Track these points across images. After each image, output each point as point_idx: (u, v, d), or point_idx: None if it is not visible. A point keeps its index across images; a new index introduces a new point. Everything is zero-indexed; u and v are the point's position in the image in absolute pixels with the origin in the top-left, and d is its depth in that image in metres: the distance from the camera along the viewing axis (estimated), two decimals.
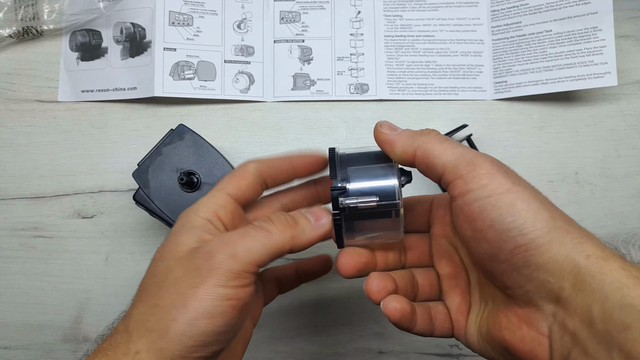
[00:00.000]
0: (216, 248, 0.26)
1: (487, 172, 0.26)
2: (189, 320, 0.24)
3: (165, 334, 0.25)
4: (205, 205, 0.30)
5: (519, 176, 0.27)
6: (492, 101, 0.53)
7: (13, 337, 0.49)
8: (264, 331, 0.50)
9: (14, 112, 0.52)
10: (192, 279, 0.25)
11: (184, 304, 0.25)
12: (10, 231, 0.50)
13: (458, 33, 0.53)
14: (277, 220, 0.28)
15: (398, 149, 0.29)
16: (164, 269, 0.27)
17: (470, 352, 0.49)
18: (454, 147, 0.27)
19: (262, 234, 0.27)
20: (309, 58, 0.53)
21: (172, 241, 0.28)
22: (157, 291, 0.26)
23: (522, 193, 0.25)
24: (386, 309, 0.29)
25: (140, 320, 0.26)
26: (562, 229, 0.24)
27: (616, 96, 0.52)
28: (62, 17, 0.51)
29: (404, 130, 0.29)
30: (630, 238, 0.50)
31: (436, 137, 0.28)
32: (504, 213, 0.25)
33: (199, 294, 0.25)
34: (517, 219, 0.24)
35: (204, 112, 0.52)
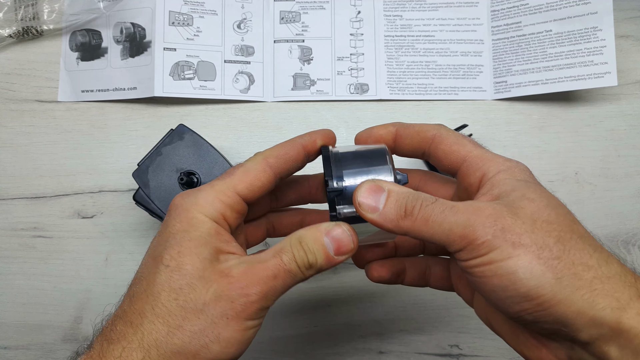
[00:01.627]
0: (249, 284, 0.26)
1: (483, 242, 0.24)
2: (221, 349, 0.25)
3: (194, 358, 0.25)
4: (212, 204, 0.28)
5: (520, 223, 0.24)
6: (492, 101, 0.53)
7: (13, 337, 0.49)
8: (264, 331, 0.50)
9: (14, 112, 0.52)
10: (224, 310, 0.26)
11: (216, 334, 0.25)
12: (10, 231, 0.50)
13: (458, 33, 0.53)
14: (301, 262, 0.27)
15: (388, 230, 0.27)
16: (186, 286, 0.26)
17: (470, 352, 0.49)
18: (441, 220, 0.25)
19: (289, 276, 0.27)
20: (309, 58, 0.53)
21: (189, 251, 0.27)
22: (181, 312, 0.26)
23: (522, 257, 0.23)
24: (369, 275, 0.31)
25: (160, 340, 0.25)
26: (569, 287, 0.23)
27: (616, 96, 0.52)
28: (62, 17, 0.51)
29: (385, 207, 0.26)
30: (630, 238, 0.50)
31: (420, 216, 0.25)
32: (505, 281, 0.24)
33: (232, 326, 0.26)
34: (519, 288, 0.23)
35: (204, 112, 0.52)
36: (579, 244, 0.24)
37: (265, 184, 0.29)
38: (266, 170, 0.29)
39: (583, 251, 0.24)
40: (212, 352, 0.25)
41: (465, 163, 0.28)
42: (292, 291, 0.37)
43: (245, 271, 0.26)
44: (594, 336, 0.23)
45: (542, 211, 0.25)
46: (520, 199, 0.25)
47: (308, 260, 0.27)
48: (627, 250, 0.50)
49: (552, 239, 0.24)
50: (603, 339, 0.23)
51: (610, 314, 0.23)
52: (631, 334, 0.22)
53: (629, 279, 0.24)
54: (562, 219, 0.25)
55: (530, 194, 0.25)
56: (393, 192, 0.27)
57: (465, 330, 0.49)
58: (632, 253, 0.50)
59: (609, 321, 0.23)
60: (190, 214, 0.28)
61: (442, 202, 0.26)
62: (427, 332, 0.50)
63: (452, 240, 0.25)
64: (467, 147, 0.29)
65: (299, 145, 0.31)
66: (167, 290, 0.26)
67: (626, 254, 0.50)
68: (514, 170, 0.27)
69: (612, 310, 0.23)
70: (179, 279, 0.26)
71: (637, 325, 0.22)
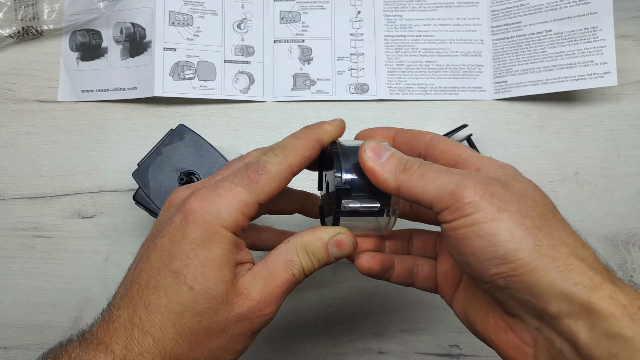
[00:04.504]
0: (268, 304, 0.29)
1: (470, 201, 0.25)
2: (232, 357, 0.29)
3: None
4: (235, 219, 0.28)
5: (508, 194, 0.25)
6: (492, 101, 0.53)
7: (13, 337, 0.49)
8: (263, 331, 0.50)
9: (14, 112, 0.52)
10: (243, 329, 0.28)
11: (233, 349, 0.28)
12: (10, 231, 0.50)
13: (458, 33, 0.53)
14: (306, 266, 0.30)
15: (381, 183, 0.28)
16: (210, 310, 0.27)
17: (470, 352, 0.49)
18: (436, 177, 0.26)
19: (294, 282, 0.29)
20: (309, 58, 0.53)
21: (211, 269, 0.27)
22: (204, 332, 0.27)
23: (506, 221, 0.24)
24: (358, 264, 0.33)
25: (182, 355, 0.27)
26: (547, 256, 0.23)
27: (616, 96, 0.52)
28: (62, 17, 0.51)
29: (387, 161, 0.28)
30: (630, 238, 0.50)
31: (418, 171, 0.27)
32: (485, 242, 0.24)
33: (248, 341, 0.29)
34: (499, 249, 0.24)
35: (204, 112, 0.52)
36: (559, 224, 0.25)
37: (281, 187, 0.30)
38: (289, 178, 0.30)
39: (562, 230, 0.25)
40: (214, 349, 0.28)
41: (461, 160, 0.29)
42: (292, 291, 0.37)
43: (263, 291, 0.28)
44: (563, 311, 0.23)
45: (529, 192, 0.26)
46: (511, 180, 0.27)
47: (314, 266, 0.30)
48: (627, 250, 0.50)
49: (535, 212, 0.25)
50: (572, 316, 0.23)
51: (582, 291, 0.23)
52: (602, 315, 0.22)
53: (601, 267, 0.24)
54: (546, 202, 0.26)
55: (520, 178, 0.27)
56: (397, 153, 0.29)
57: (465, 330, 0.49)
58: (632, 253, 0.50)
59: (581, 298, 0.23)
60: (212, 228, 0.27)
61: (441, 166, 0.27)
62: (427, 332, 0.50)
63: (442, 197, 0.26)
64: (463, 149, 0.30)
65: (315, 143, 0.31)
66: (191, 312, 0.27)
67: (626, 254, 0.50)
68: (506, 167, 0.29)
69: (585, 287, 0.23)
70: (204, 303, 0.27)
71: (608, 307, 0.22)
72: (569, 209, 0.51)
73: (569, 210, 0.51)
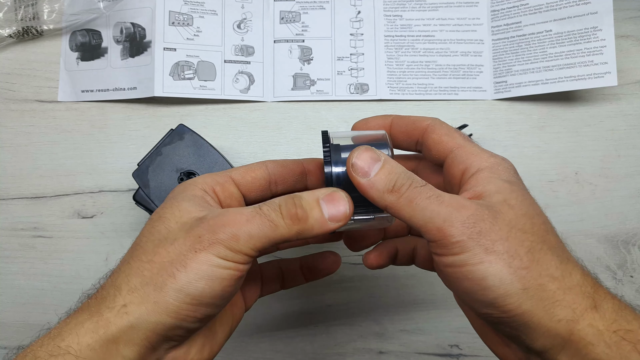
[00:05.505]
0: (220, 224, 0.26)
1: (457, 241, 0.24)
2: (189, 279, 0.25)
3: (162, 288, 0.25)
4: (204, 179, 0.30)
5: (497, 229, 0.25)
6: (492, 101, 0.53)
7: (13, 337, 0.49)
8: (263, 331, 0.50)
9: (14, 112, 0.52)
10: (193, 244, 0.26)
11: (183, 264, 0.25)
12: (10, 231, 0.50)
13: (458, 33, 0.53)
14: (286, 211, 0.27)
15: (369, 199, 0.27)
16: (164, 230, 0.27)
17: (470, 352, 0.49)
18: (424, 206, 0.25)
19: (267, 224, 0.26)
20: (309, 58, 0.53)
21: (172, 205, 0.28)
22: (154, 249, 0.26)
23: (494, 264, 0.24)
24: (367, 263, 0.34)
25: (131, 275, 0.26)
26: (534, 298, 0.24)
27: (616, 96, 0.52)
28: (62, 17, 0.51)
29: (376, 177, 0.27)
30: (630, 238, 0.50)
31: (406, 194, 0.26)
32: (475, 286, 0.24)
33: (200, 258, 0.25)
34: (488, 294, 0.24)
35: (204, 112, 0.52)
36: (547, 255, 0.25)
37: (258, 177, 0.31)
38: (261, 167, 0.31)
39: (550, 262, 0.25)
40: (179, 281, 0.25)
41: (452, 154, 0.29)
42: (291, 291, 0.37)
43: (217, 215, 0.26)
44: (547, 346, 0.24)
45: (519, 219, 0.25)
46: (501, 203, 0.26)
47: (297, 213, 0.27)
48: (627, 251, 0.50)
49: (523, 249, 0.24)
50: (555, 349, 0.24)
51: (565, 326, 0.24)
52: (580, 344, 0.23)
53: (588, 290, 0.24)
54: (536, 229, 0.25)
55: (512, 200, 0.26)
56: (388, 165, 0.27)
57: (465, 330, 0.49)
58: (632, 253, 0.50)
59: (562, 332, 0.24)
60: (182, 186, 0.30)
61: (431, 188, 0.26)
62: (427, 332, 0.50)
63: (429, 230, 0.25)
64: (457, 140, 0.29)
65: (297, 161, 0.32)
66: (146, 235, 0.27)
67: (626, 254, 0.50)
68: (498, 169, 0.27)
69: (567, 322, 0.24)
70: (159, 225, 0.27)
71: (586, 337, 0.23)
72: (569, 209, 0.51)
73: (569, 210, 0.51)
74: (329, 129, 0.33)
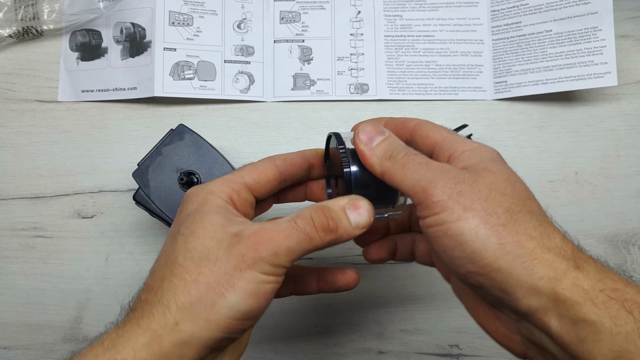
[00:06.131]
0: (260, 242, 0.27)
1: (438, 200, 0.26)
2: (237, 299, 0.26)
3: (212, 307, 0.26)
4: (220, 188, 0.30)
5: (477, 190, 0.26)
6: (492, 101, 0.53)
7: (13, 337, 0.49)
8: (264, 331, 0.50)
9: (14, 112, 0.52)
10: (237, 263, 0.27)
11: (231, 284, 0.26)
12: (10, 231, 0.50)
13: (458, 33, 0.53)
14: (319, 224, 0.28)
15: (369, 166, 0.29)
16: (201, 247, 0.27)
17: (470, 352, 0.49)
18: (414, 170, 0.27)
19: (304, 238, 0.28)
20: (309, 58, 0.53)
21: (202, 219, 0.28)
22: (197, 268, 0.27)
23: (470, 220, 0.25)
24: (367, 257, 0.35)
25: (178, 294, 0.26)
26: (511, 253, 0.24)
27: (616, 96, 0.52)
28: (62, 17, 0.51)
29: (377, 145, 0.29)
30: (630, 238, 0.50)
31: (401, 160, 0.28)
32: (453, 242, 0.25)
33: (246, 277, 0.26)
34: (465, 249, 0.25)
35: (204, 112, 0.52)
36: (526, 217, 0.25)
37: (271, 180, 0.32)
38: (273, 168, 0.32)
39: (528, 223, 0.25)
40: (229, 301, 0.26)
41: (438, 146, 0.30)
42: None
43: (256, 232, 0.27)
44: (533, 306, 0.24)
45: (500, 184, 0.26)
46: (483, 170, 0.27)
47: (329, 225, 0.28)
48: (627, 250, 0.50)
49: (501, 209, 0.25)
50: (541, 309, 0.24)
51: (547, 284, 0.23)
52: (567, 304, 0.23)
53: (568, 252, 0.24)
54: (516, 193, 0.26)
55: (493, 168, 0.27)
56: (389, 139, 0.30)
57: (465, 330, 0.49)
58: (632, 253, 0.50)
59: (546, 290, 0.23)
60: (201, 197, 0.30)
61: (423, 157, 0.28)
62: (427, 332, 0.50)
63: (416, 192, 0.27)
64: (442, 133, 0.31)
65: (304, 155, 0.34)
66: (182, 252, 0.28)
67: (626, 254, 0.50)
68: (480, 150, 0.29)
69: (549, 280, 0.23)
70: (193, 241, 0.28)
71: (572, 296, 0.23)
72: (569, 209, 0.51)
73: (568, 210, 0.51)
74: (328, 130, 0.34)
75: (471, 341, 0.49)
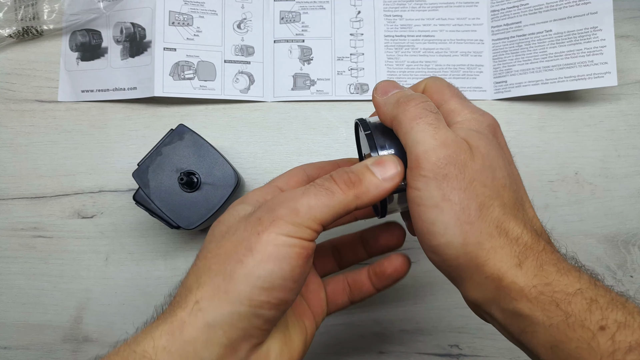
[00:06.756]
0: (277, 203, 0.26)
1: (423, 176, 0.26)
2: (255, 262, 0.25)
3: (231, 277, 0.25)
4: (253, 194, 0.31)
5: (461, 177, 0.26)
6: (492, 101, 0.53)
7: (13, 337, 0.49)
8: None
9: (14, 112, 0.52)
10: (254, 227, 0.26)
11: (248, 248, 0.25)
12: (10, 231, 0.50)
13: (458, 33, 0.53)
14: (339, 178, 0.27)
15: (381, 115, 0.29)
16: (224, 227, 0.27)
17: (470, 352, 0.49)
18: (420, 130, 0.26)
19: (323, 192, 0.26)
20: (309, 58, 0.53)
21: (228, 211, 0.29)
22: (217, 244, 0.27)
23: (444, 213, 0.25)
24: None
25: (200, 273, 0.26)
26: (469, 254, 0.25)
27: (616, 96, 0.52)
28: (62, 17, 0.51)
29: (393, 95, 0.29)
30: (630, 238, 0.50)
31: (413, 110, 0.27)
32: (424, 227, 0.26)
33: (263, 239, 0.25)
34: (432, 240, 0.26)
35: (204, 112, 0.52)
36: (495, 211, 0.26)
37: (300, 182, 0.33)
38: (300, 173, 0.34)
39: (495, 220, 0.26)
40: (247, 266, 0.24)
41: (440, 110, 0.30)
42: None
43: (274, 197, 0.27)
44: (479, 300, 0.26)
45: (483, 172, 0.26)
46: (476, 149, 0.27)
47: (349, 178, 0.27)
48: (627, 250, 0.50)
49: (475, 204, 0.26)
50: (488, 304, 0.26)
51: (491, 283, 0.25)
52: (506, 300, 0.25)
53: (519, 247, 0.25)
54: (495, 183, 0.26)
55: (482, 148, 0.27)
56: (409, 90, 0.30)
57: (465, 330, 0.49)
58: (632, 253, 0.50)
59: (490, 288, 0.25)
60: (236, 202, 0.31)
61: (436, 118, 0.27)
62: (427, 332, 0.50)
63: (411, 153, 0.27)
64: (444, 96, 0.30)
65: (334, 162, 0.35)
66: (209, 239, 0.28)
67: (626, 254, 0.50)
68: (470, 122, 0.29)
69: (493, 279, 0.25)
70: (218, 227, 0.28)
71: (510, 293, 0.24)
72: (569, 209, 0.51)
73: (569, 210, 0.51)
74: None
75: (471, 341, 0.49)
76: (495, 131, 0.30)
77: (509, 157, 0.30)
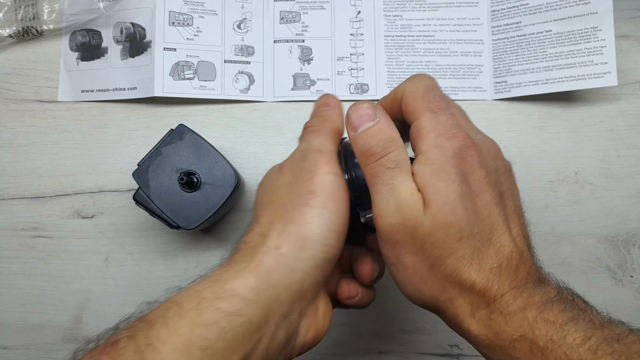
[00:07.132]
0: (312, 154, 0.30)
1: (380, 238, 0.29)
2: (321, 203, 0.27)
3: (305, 221, 0.27)
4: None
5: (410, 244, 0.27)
6: (492, 101, 0.53)
7: (13, 337, 0.49)
8: None
9: (14, 112, 0.52)
10: (304, 173, 0.29)
11: (309, 190, 0.28)
12: (10, 231, 0.50)
13: (458, 33, 0.53)
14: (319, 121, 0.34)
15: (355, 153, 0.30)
16: (270, 184, 0.30)
17: (470, 352, 0.49)
18: (378, 191, 0.28)
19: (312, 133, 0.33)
20: (309, 58, 0.53)
21: (266, 176, 0.32)
22: (276, 197, 0.29)
23: (401, 272, 0.28)
24: None
25: (274, 222, 0.28)
26: (429, 305, 0.29)
27: (616, 96, 0.52)
28: (62, 17, 0.51)
29: (361, 134, 0.29)
30: (630, 238, 0.50)
31: (373, 165, 0.28)
32: (391, 275, 0.30)
33: (318, 173, 0.28)
34: (399, 287, 0.30)
35: (204, 112, 0.52)
36: (448, 268, 0.27)
37: None
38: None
39: (446, 277, 0.27)
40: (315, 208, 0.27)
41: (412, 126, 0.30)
42: None
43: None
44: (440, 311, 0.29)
45: (434, 234, 0.27)
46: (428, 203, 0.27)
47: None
48: (627, 251, 0.50)
49: (427, 265, 0.27)
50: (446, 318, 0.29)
51: (454, 326, 0.29)
52: (456, 320, 0.28)
53: (469, 299, 0.27)
54: (448, 241, 0.27)
55: (437, 197, 0.26)
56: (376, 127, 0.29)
57: None
58: (632, 253, 0.50)
59: (455, 329, 0.29)
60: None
61: (393, 175, 0.27)
62: (427, 332, 0.50)
63: (373, 213, 0.28)
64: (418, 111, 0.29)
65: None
66: (260, 196, 0.31)
67: (626, 254, 0.50)
68: (431, 156, 0.27)
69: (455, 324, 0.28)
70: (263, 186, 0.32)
71: (469, 337, 0.28)
72: (569, 209, 0.51)
73: (569, 210, 0.51)
74: None
75: None
76: (463, 157, 0.27)
77: (481, 183, 0.27)
